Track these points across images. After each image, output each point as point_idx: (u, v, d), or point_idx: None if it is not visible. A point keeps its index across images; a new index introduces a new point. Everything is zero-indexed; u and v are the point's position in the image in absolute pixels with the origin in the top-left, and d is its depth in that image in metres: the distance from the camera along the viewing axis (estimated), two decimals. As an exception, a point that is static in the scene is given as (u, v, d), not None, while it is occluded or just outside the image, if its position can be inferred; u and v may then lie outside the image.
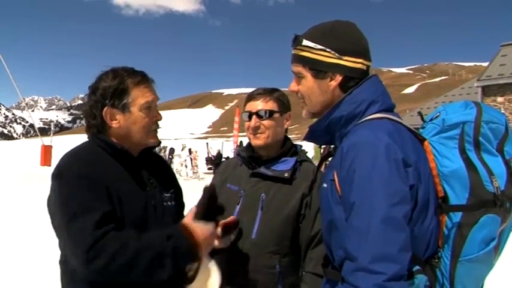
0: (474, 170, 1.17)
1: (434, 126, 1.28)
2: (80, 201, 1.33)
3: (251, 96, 1.89)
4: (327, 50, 1.28)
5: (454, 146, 1.21)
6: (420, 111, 2.03)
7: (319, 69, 1.30)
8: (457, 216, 1.17)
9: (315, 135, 1.38)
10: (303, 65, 1.33)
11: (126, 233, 1.36)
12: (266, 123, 1.82)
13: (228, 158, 14.75)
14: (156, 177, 1.59)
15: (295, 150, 1.90)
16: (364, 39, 1.33)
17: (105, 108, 1.49)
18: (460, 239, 1.16)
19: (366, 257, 1.05)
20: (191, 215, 1.49)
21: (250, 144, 1.91)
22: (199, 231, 1.43)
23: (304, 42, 1.31)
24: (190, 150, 21.61)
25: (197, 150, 22.05)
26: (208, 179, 3.13)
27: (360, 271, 1.05)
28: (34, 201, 9.37)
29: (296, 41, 1.33)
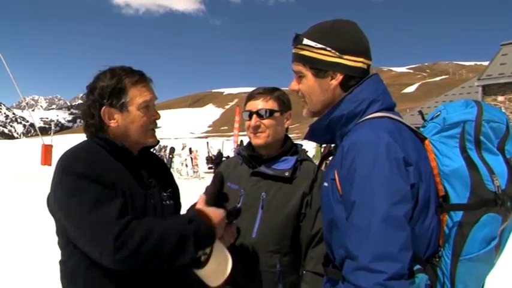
0: (475, 169, 1.17)
1: (435, 125, 1.27)
2: (96, 192, 1.32)
3: (251, 96, 1.89)
4: (328, 49, 1.28)
5: (455, 145, 1.21)
6: (421, 110, 2.03)
7: (319, 68, 1.30)
8: (457, 215, 1.16)
9: (315, 134, 1.38)
10: (303, 64, 1.32)
11: (148, 220, 1.35)
12: (266, 122, 1.82)
13: (228, 157, 14.73)
14: (155, 176, 1.59)
15: (295, 150, 1.90)
16: (364, 38, 1.33)
17: (103, 108, 1.48)
18: (461, 238, 1.16)
19: (367, 256, 1.05)
20: (202, 201, 1.51)
21: (250, 144, 1.91)
22: (213, 214, 1.44)
23: (305, 41, 1.31)
24: (190, 149, 21.60)
25: (197, 149, 22.04)
26: (209, 178, 3.13)
27: (361, 270, 1.05)
28: (34, 201, 9.36)
29: (296, 40, 1.33)
